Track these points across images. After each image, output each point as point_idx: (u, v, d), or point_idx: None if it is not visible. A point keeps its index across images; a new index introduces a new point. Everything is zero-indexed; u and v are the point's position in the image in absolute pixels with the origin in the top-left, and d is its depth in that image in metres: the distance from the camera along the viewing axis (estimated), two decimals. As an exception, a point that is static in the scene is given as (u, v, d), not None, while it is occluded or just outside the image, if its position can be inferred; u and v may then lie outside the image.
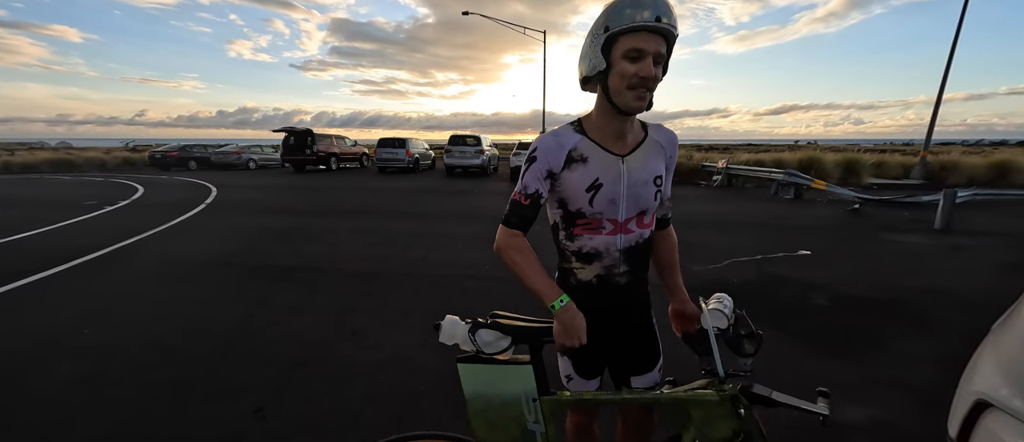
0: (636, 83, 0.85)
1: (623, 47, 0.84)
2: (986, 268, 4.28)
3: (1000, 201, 8.27)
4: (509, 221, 0.98)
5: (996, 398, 0.98)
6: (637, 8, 0.80)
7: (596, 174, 0.94)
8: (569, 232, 1.02)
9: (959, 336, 2.72)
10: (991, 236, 5.73)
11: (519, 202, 0.96)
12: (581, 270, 1.04)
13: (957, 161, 13.90)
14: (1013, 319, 1.08)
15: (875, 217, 7.23)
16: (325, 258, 4.51)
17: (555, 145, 0.95)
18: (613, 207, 0.97)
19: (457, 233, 5.80)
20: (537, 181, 0.96)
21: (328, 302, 3.28)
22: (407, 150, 16.37)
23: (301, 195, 9.97)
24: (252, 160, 19.08)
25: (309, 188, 11.37)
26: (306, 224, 6.39)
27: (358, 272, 4.02)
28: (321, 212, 7.52)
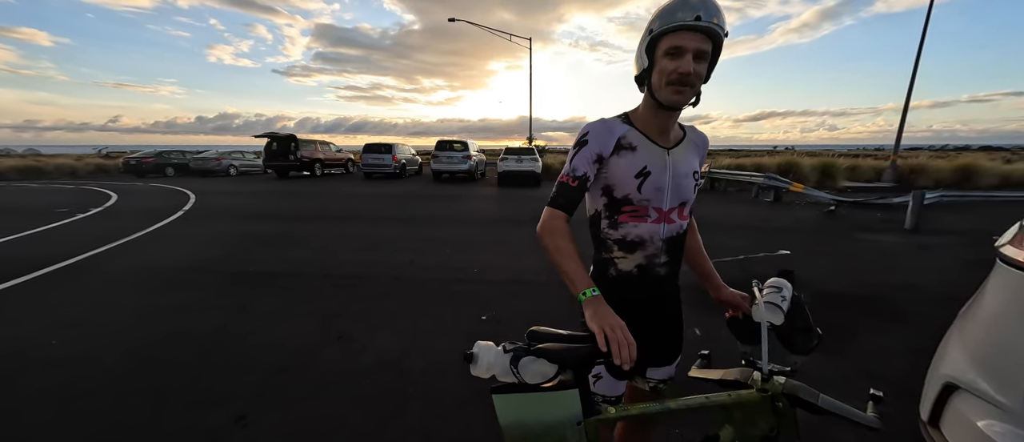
0: (675, 79, 0.88)
1: (665, 46, 0.89)
2: (952, 265, 4.49)
3: (964, 202, 8.69)
4: (556, 202, 0.96)
5: (963, 381, 1.03)
6: (680, 8, 0.85)
7: (644, 162, 0.97)
8: (613, 220, 1.01)
9: (929, 329, 2.83)
10: (956, 235, 6.00)
11: (567, 184, 0.96)
12: (622, 259, 1.03)
13: (925, 165, 14.57)
14: (976, 305, 1.14)
15: (850, 218, 7.50)
16: (309, 263, 4.43)
17: (605, 131, 0.97)
18: (659, 195, 0.98)
19: (445, 237, 5.77)
20: (586, 164, 0.96)
21: (312, 307, 3.22)
22: (393, 155, 16.25)
23: (284, 201, 9.78)
24: (233, 166, 18.62)
25: (293, 194, 11.16)
26: (289, 229, 6.26)
27: (344, 277, 3.96)
28: (305, 217, 7.38)
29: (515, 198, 10.45)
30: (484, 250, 5.05)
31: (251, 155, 20.03)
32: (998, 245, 1.11)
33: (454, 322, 2.96)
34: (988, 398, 0.94)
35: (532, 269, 4.25)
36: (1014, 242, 1.05)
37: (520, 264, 4.46)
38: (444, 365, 2.39)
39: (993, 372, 0.96)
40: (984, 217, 7.60)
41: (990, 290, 1.07)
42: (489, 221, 7.15)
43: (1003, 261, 1.06)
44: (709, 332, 2.59)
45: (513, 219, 7.36)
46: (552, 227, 0.95)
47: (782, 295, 0.88)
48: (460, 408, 2.01)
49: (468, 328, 2.86)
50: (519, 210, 8.50)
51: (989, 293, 1.07)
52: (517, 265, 4.42)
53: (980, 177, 13.15)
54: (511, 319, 3.01)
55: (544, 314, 3.10)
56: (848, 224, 6.92)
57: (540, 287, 3.71)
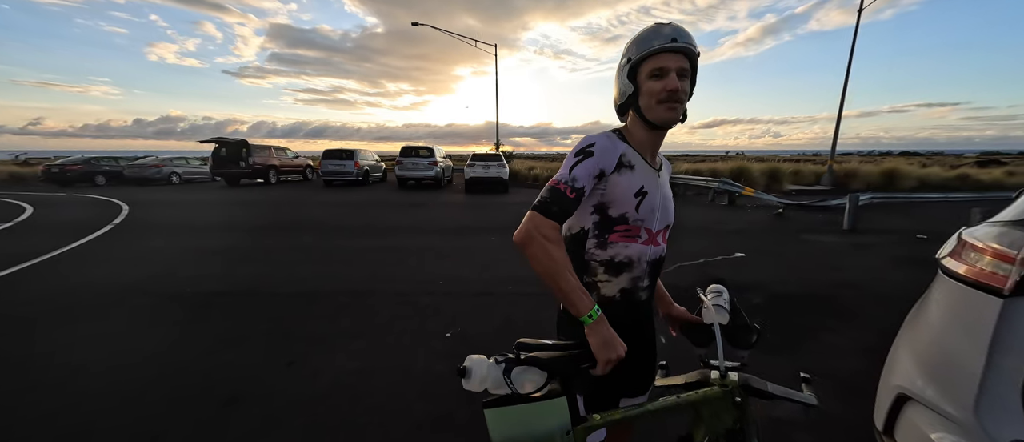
0: (665, 97, 0.90)
1: (647, 70, 0.91)
2: (885, 263, 4.89)
3: (891, 203, 9.60)
4: (548, 209, 0.87)
5: (914, 391, 1.06)
6: (655, 36, 0.89)
7: (642, 182, 0.95)
8: (602, 239, 0.96)
9: (872, 328, 3.04)
10: (886, 234, 6.59)
11: (563, 193, 0.87)
12: (606, 284, 0.98)
13: (856, 169, 16.02)
14: (923, 314, 1.18)
15: (796, 220, 8.05)
16: (260, 280, 4.09)
17: (611, 146, 0.93)
18: (652, 216, 0.97)
19: (409, 247, 5.56)
20: (588, 178, 0.90)
21: (261, 329, 2.95)
22: (355, 161, 15.65)
23: (234, 211, 9.09)
24: (175, 174, 17.16)
25: (244, 203, 10.42)
26: (238, 243, 5.79)
27: (297, 294, 3.68)
28: (256, 229, 6.88)
29: (483, 205, 10.35)
30: (450, 261, 4.91)
31: (197, 161, 18.60)
32: (939, 256, 1.16)
33: (416, 340, 2.81)
34: (939, 410, 0.97)
35: (500, 279, 4.17)
36: (953, 254, 1.10)
37: (488, 274, 4.36)
38: (403, 387, 2.25)
39: (943, 384, 0.99)
40: (907, 216, 8.42)
41: (934, 300, 1.12)
42: (456, 230, 7.00)
43: (945, 273, 1.11)
44: (681, 341, 2.62)
45: (481, 227, 7.25)
46: (545, 235, 0.85)
47: (723, 298, 0.98)
48: (419, 433, 1.89)
49: (431, 346, 2.72)
50: (487, 217, 8.41)
51: (934, 303, 1.12)
52: (485, 276, 4.32)
53: (902, 179, 14.65)
54: (478, 334, 2.91)
55: (512, 326, 3.03)
56: (795, 225, 7.42)
57: (508, 298, 3.64)
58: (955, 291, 1.03)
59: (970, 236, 1.07)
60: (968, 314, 0.97)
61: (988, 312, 0.91)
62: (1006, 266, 0.90)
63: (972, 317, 0.95)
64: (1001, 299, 0.89)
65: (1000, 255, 0.93)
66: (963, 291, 1.00)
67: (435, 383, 2.29)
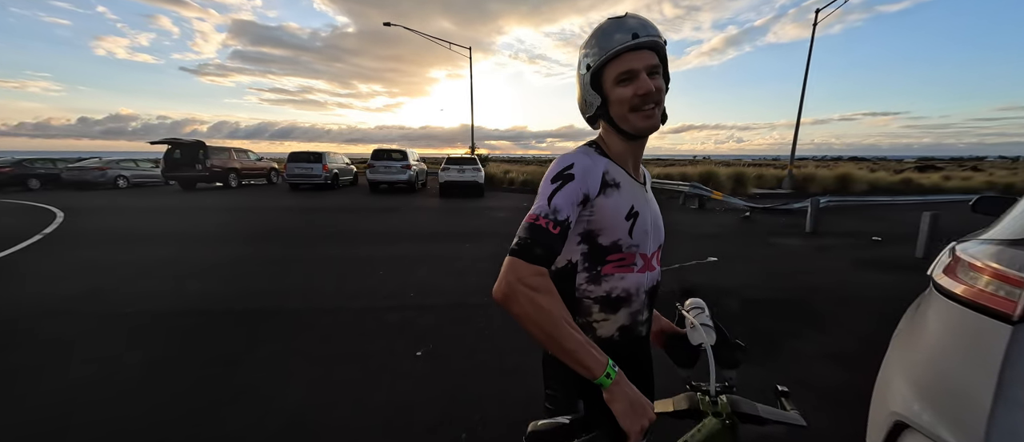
0: (637, 103, 0.78)
1: (611, 75, 0.79)
2: (846, 265, 5.09)
3: (846, 205, 10.17)
4: (530, 253, 0.72)
5: (914, 420, 0.99)
6: (611, 34, 0.77)
7: (631, 201, 0.83)
8: (595, 272, 0.82)
9: (841, 331, 3.10)
10: (844, 236, 6.92)
11: (545, 230, 0.73)
12: (603, 323, 0.84)
13: (813, 173, 16.95)
14: (917, 335, 1.13)
15: (762, 223, 8.34)
16: (210, 297, 3.72)
17: (592, 165, 0.80)
18: (645, 239, 0.85)
19: (379, 257, 5.29)
20: (571, 206, 0.76)
21: (207, 355, 2.65)
22: (324, 165, 15.01)
23: (187, 219, 8.42)
24: (122, 177, 15.84)
25: (199, 210, 9.70)
26: (187, 255, 5.31)
27: (251, 313, 3.36)
28: (210, 239, 6.36)
29: (458, 210, 10.13)
30: (423, 270, 4.69)
31: (148, 164, 17.29)
32: (931, 273, 1.12)
33: (383, 362, 2.60)
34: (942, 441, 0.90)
35: (476, 289, 4.00)
36: (947, 271, 1.06)
37: (463, 284, 4.18)
38: (367, 420, 2.04)
39: (947, 414, 0.92)
40: (861, 219, 8.92)
41: (930, 321, 1.06)
42: (429, 236, 6.76)
43: (939, 291, 1.05)
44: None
45: (455, 233, 7.05)
46: (533, 286, 0.71)
47: (707, 314, 0.90)
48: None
49: (400, 369, 2.52)
50: (462, 223, 8.20)
51: (930, 324, 1.06)
52: (459, 285, 4.14)
53: (854, 183, 15.62)
54: (453, 352, 2.73)
55: (489, 343, 2.87)
56: (762, 228, 7.67)
57: (484, 310, 3.47)
58: (954, 313, 0.98)
59: (966, 253, 1.02)
60: (972, 340, 0.91)
61: (996, 339, 0.85)
62: (1014, 290, 0.84)
63: (977, 343, 0.90)
64: (1010, 326, 0.83)
65: (1004, 277, 0.88)
66: (964, 314, 0.94)
67: (402, 413, 2.10)
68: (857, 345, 2.85)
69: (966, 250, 1.03)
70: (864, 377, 2.35)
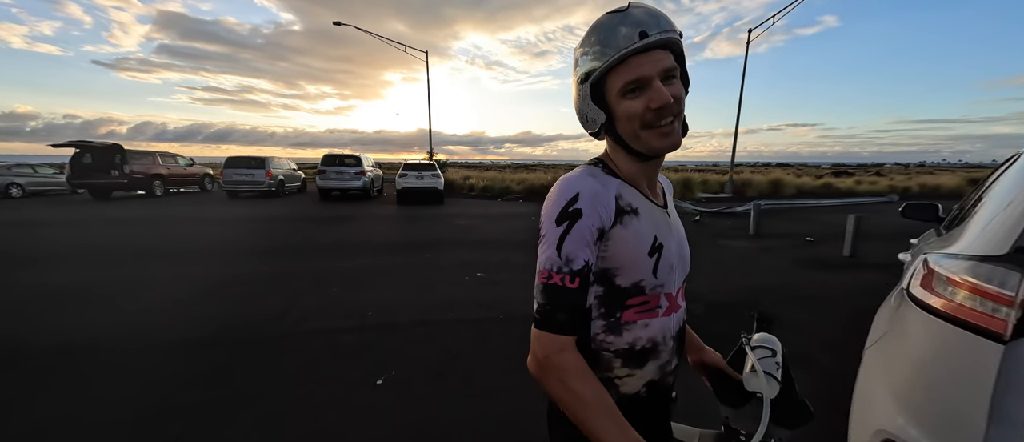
0: (652, 119, 0.63)
1: (617, 86, 0.64)
2: (789, 265, 5.50)
3: (780, 209, 11.14)
4: (553, 321, 0.62)
5: (903, 437, 0.98)
6: (612, 34, 0.62)
7: (653, 231, 0.69)
8: (613, 320, 0.69)
9: (794, 331, 3.28)
10: (783, 237, 7.51)
11: (561, 287, 0.62)
12: (627, 379, 0.71)
13: (750, 178, 18.47)
14: (898, 348, 1.13)
15: (711, 226, 8.86)
16: (120, 326, 3.17)
17: (601, 190, 0.65)
18: (671, 276, 0.72)
19: (332, 271, 4.87)
20: (586, 247, 0.63)
21: (113, 396, 2.21)
22: (267, 170, 13.89)
23: (96, 233, 7.30)
24: (15, 185, 13.60)
25: (114, 223, 8.48)
26: (99, 276, 4.55)
27: (173, 345, 2.90)
28: (125, 257, 5.53)
29: (417, 218, 9.75)
30: (382, 285, 4.38)
31: (49, 169, 15.01)
32: (906, 286, 1.14)
33: (336, 396, 2.31)
34: (938, 462, 0.89)
35: (438, 303, 3.78)
36: (924, 284, 1.07)
37: (425, 298, 3.94)
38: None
39: (938, 433, 0.92)
40: (794, 220, 9.78)
41: (914, 334, 1.07)
42: (387, 247, 6.39)
43: (917, 305, 1.07)
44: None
45: (415, 243, 6.73)
46: (560, 366, 0.61)
47: (776, 360, 0.76)
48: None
49: (355, 403, 2.25)
50: (422, 232, 7.88)
51: (913, 339, 1.07)
52: (422, 300, 3.89)
53: (785, 187, 17.20)
54: (417, 377, 2.51)
55: (457, 363, 2.68)
56: (711, 231, 8.13)
57: (447, 327, 3.28)
58: (939, 328, 0.98)
59: (941, 266, 1.04)
60: (961, 358, 0.92)
61: (987, 358, 0.85)
62: (1001, 308, 0.85)
63: (967, 362, 0.90)
64: (1002, 345, 0.83)
65: (988, 294, 0.88)
66: (950, 330, 0.95)
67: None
68: (811, 345, 3.02)
69: (940, 263, 1.06)
70: (823, 379, 2.49)
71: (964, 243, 1.08)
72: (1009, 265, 0.86)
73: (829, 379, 2.48)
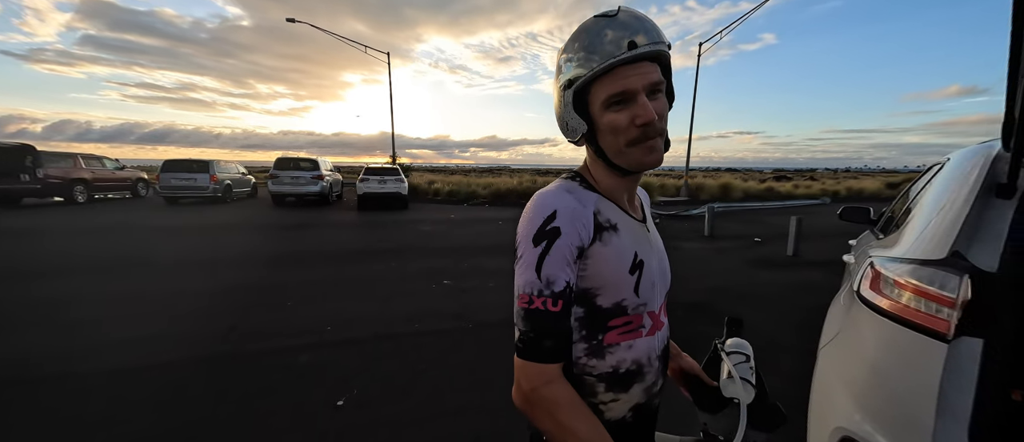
0: (638, 136, 0.60)
1: (601, 96, 0.61)
2: (740, 265, 5.84)
3: (730, 211, 11.90)
4: (537, 349, 0.59)
5: (861, 435, 1.03)
6: (600, 40, 0.58)
7: (634, 248, 0.66)
8: (595, 343, 0.65)
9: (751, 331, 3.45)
10: (734, 238, 8.00)
11: (545, 311, 0.59)
12: (613, 404, 0.67)
13: (702, 183, 19.61)
14: (852, 347, 1.20)
15: (669, 228, 9.26)
16: (38, 354, 2.74)
17: (578, 207, 0.62)
18: (653, 294, 0.69)
19: (286, 283, 4.55)
20: (566, 267, 0.60)
21: (40, 431, 1.89)
22: (212, 175, 12.85)
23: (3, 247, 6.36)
24: None
25: (24, 234, 7.43)
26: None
27: (107, 374, 2.55)
28: (40, 273, 4.84)
29: (379, 224, 9.39)
30: (341, 297, 4.14)
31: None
32: (856, 288, 1.21)
33: (290, 421, 2.12)
34: (894, 457, 0.94)
35: (402, 315, 3.63)
36: (872, 285, 1.14)
37: (389, 310, 3.77)
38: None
39: (893, 428, 0.96)
40: (743, 222, 10.46)
41: (865, 335, 1.14)
42: (347, 255, 6.09)
43: (867, 305, 1.13)
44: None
45: (378, 250, 6.46)
46: (546, 398, 0.58)
47: (750, 365, 0.77)
48: None
49: (315, 429, 2.09)
50: (385, 238, 7.59)
51: (865, 339, 1.13)
52: (385, 312, 3.72)
53: (734, 191, 18.43)
54: (380, 397, 2.36)
55: (424, 379, 2.56)
56: (669, 233, 8.50)
57: (413, 339, 3.14)
58: (888, 329, 1.04)
59: (887, 269, 1.11)
60: (909, 356, 0.98)
61: (932, 357, 0.91)
62: (944, 309, 0.91)
63: (914, 360, 0.96)
64: (945, 344, 0.89)
65: (928, 295, 0.95)
66: (899, 331, 1.01)
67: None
68: (763, 343, 3.20)
69: (886, 266, 1.13)
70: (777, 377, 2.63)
71: (904, 247, 1.17)
72: (948, 268, 0.93)
73: (787, 378, 2.62)
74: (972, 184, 1.09)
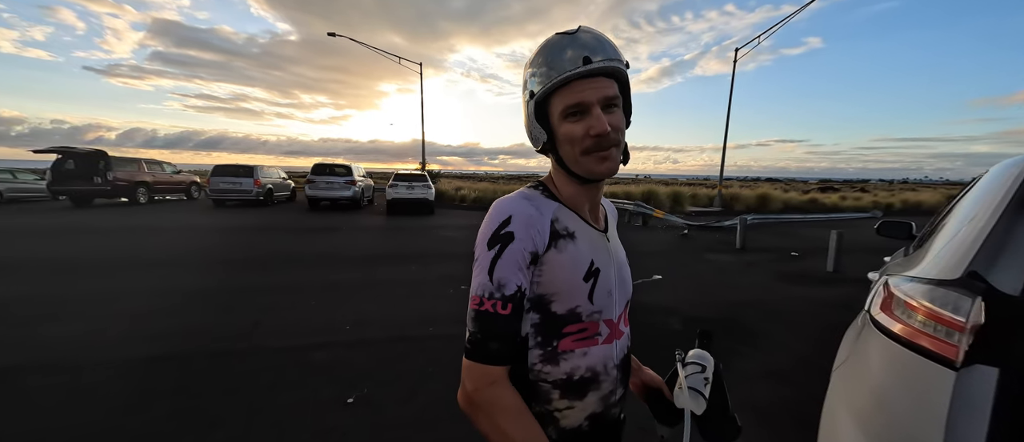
0: (591, 145, 0.63)
1: (558, 107, 0.65)
2: (772, 280, 5.52)
3: (766, 223, 11.26)
4: (484, 351, 0.60)
5: (866, 465, 0.95)
6: (559, 56, 0.62)
7: (590, 255, 0.68)
8: (549, 349, 0.66)
9: (772, 348, 3.26)
10: (768, 252, 7.58)
11: (493, 314, 0.60)
12: (568, 412, 0.67)
13: (738, 193, 18.73)
14: (860, 373, 1.11)
15: (699, 239, 8.92)
16: (71, 345, 3.04)
17: (535, 214, 0.64)
18: (610, 302, 0.70)
19: (312, 284, 4.77)
20: (518, 271, 0.62)
21: (63, 422, 2.09)
22: (255, 179, 13.72)
23: (70, 242, 7.09)
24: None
25: (91, 231, 8.26)
26: (48, 293, 4.39)
27: (134, 363, 2.78)
28: (93, 267, 5.36)
29: (405, 229, 9.67)
30: (362, 298, 4.29)
31: (29, 175, 14.68)
32: (869, 309, 1.12)
33: (300, 416, 2.22)
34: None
35: (418, 318, 3.71)
36: (884, 307, 1.06)
37: (405, 312, 3.86)
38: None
39: (898, 462, 0.88)
40: (779, 235, 9.89)
41: (873, 360, 1.05)
42: (372, 259, 6.30)
43: (877, 328, 1.05)
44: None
45: (401, 255, 6.65)
46: (491, 400, 0.60)
47: (705, 376, 0.76)
48: None
49: (323, 425, 2.17)
50: (409, 243, 7.80)
51: (873, 363, 1.05)
52: (401, 314, 3.81)
53: (772, 202, 17.46)
54: (387, 397, 2.42)
55: (434, 382, 2.60)
56: (698, 245, 8.18)
57: (426, 342, 3.20)
58: (896, 353, 0.96)
59: (899, 290, 1.03)
60: (916, 383, 0.90)
61: (940, 384, 0.83)
62: (953, 333, 0.83)
63: (922, 387, 0.88)
64: (954, 371, 0.81)
65: (941, 319, 0.87)
66: (907, 356, 0.93)
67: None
68: (790, 362, 3.00)
69: (899, 286, 1.05)
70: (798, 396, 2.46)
71: (924, 265, 1.08)
72: (961, 289, 0.85)
73: (808, 398, 2.45)
74: (1002, 198, 0.99)
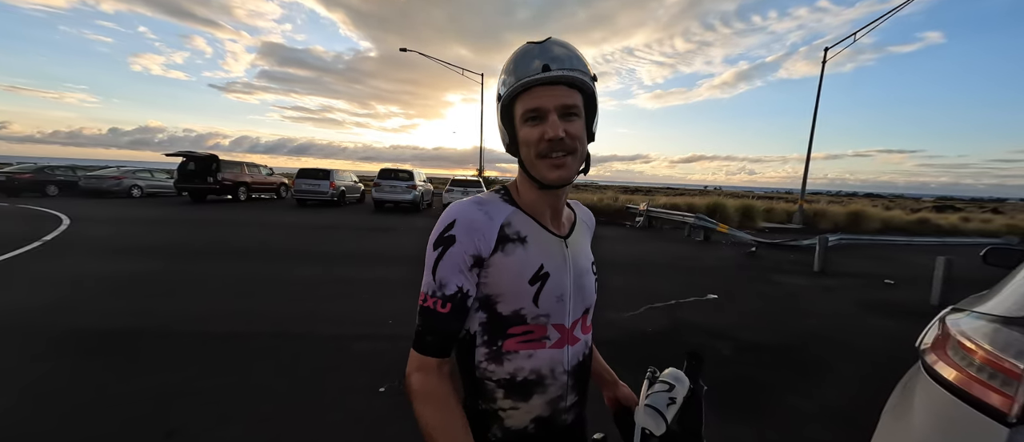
0: (545, 149, 0.65)
1: (520, 111, 0.67)
2: (853, 309, 4.79)
3: (857, 245, 9.80)
4: (422, 342, 0.65)
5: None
6: (525, 63, 0.65)
7: (540, 260, 0.69)
8: (495, 349, 0.69)
9: (839, 387, 2.83)
10: (854, 277, 6.59)
11: (433, 310, 0.64)
12: (512, 413, 0.69)
13: (825, 209, 16.55)
14: (907, 421, 0.94)
15: (768, 259, 8.04)
16: (176, 316, 3.60)
17: (481, 217, 0.67)
18: (561, 307, 0.70)
19: (363, 278, 5.16)
20: (459, 273, 0.65)
21: (142, 384, 2.47)
22: (331, 182, 15.24)
23: (183, 230, 8.48)
24: (137, 187, 16.28)
25: (200, 222, 9.80)
26: (167, 269, 5.25)
27: (205, 336, 3.20)
28: (197, 253, 6.32)
29: (456, 232, 10.03)
30: (407, 295, 4.55)
31: (162, 175, 17.81)
32: (920, 346, 0.95)
33: (335, 399, 2.39)
34: None
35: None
36: (937, 348, 0.88)
37: (443, 312, 4.01)
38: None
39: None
40: (872, 259, 8.55)
41: (920, 408, 0.88)
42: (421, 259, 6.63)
43: (926, 370, 0.88)
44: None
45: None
46: (420, 388, 0.63)
47: (671, 396, 0.71)
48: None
49: (352, 408, 2.32)
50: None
51: (920, 411, 0.88)
52: (439, 314, 3.96)
53: (867, 221, 15.16)
54: (414, 389, 2.53)
55: (456, 379, 2.67)
56: (766, 265, 7.37)
57: (459, 342, 3.29)
58: (945, 403, 0.80)
59: (957, 328, 0.86)
60: (961, 439, 0.73)
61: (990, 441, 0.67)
62: (1012, 382, 0.67)
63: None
64: (1006, 428, 0.66)
65: (997, 365, 0.71)
66: (955, 406, 0.77)
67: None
68: (854, 405, 2.58)
69: (957, 324, 0.87)
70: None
71: (997, 300, 0.88)
72: (1020, 329, 0.69)
73: None
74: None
